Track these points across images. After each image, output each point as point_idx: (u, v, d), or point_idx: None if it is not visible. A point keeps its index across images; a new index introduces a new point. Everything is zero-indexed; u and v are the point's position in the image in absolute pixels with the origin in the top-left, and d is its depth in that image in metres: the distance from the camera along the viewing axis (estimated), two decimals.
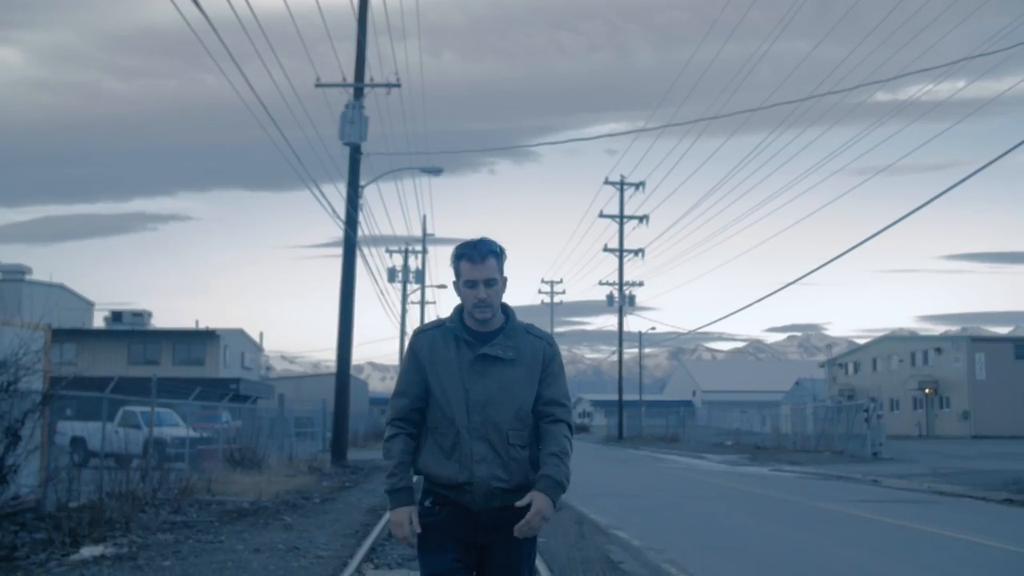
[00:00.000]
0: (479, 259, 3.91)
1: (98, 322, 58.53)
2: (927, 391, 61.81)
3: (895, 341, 73.84)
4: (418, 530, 3.85)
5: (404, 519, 3.84)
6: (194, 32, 13.27)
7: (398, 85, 28.70)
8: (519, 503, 3.78)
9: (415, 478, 3.96)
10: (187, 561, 9.31)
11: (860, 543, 11.73)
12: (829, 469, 28.53)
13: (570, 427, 3.99)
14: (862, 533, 12.77)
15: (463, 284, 3.94)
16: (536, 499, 3.77)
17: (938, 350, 62.02)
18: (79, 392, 15.79)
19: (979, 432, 55.53)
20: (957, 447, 42.85)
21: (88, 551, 10.10)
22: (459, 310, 4.04)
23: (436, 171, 30.31)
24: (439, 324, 4.08)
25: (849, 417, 38.36)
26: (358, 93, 27.86)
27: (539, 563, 8.83)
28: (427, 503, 3.93)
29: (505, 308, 4.06)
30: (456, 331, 3.98)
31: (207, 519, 13.04)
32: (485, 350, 3.91)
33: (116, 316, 56.96)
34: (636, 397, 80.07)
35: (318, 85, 27.86)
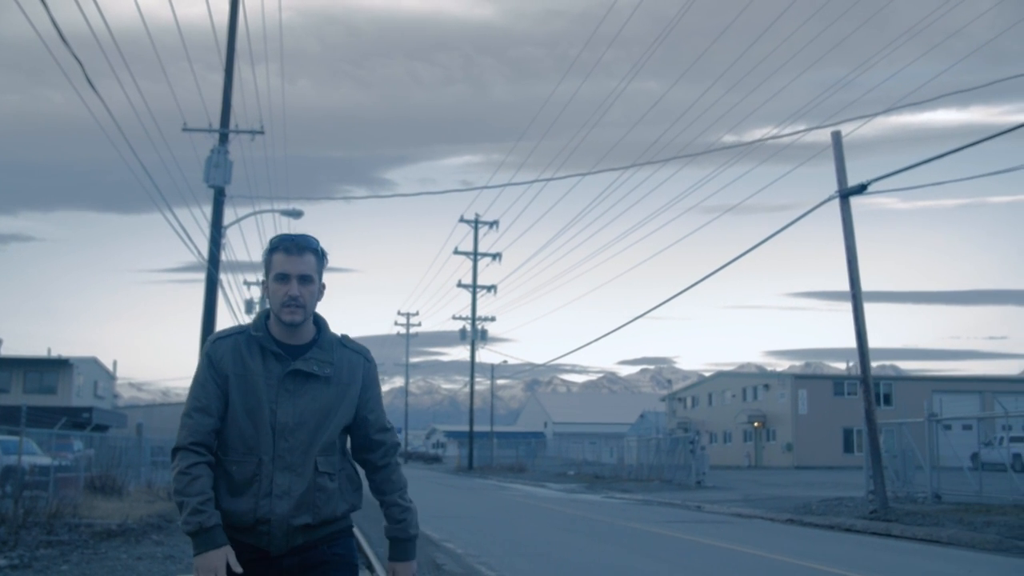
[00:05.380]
0: (296, 251, 3.38)
1: None
2: (756, 424, 66.35)
3: (728, 377, 78.64)
4: (238, 570, 3.17)
5: (220, 563, 3.14)
6: (47, 47, 12.21)
7: (262, 132, 30.25)
8: None
9: None
10: (80, 567, 11.03)
11: (646, 552, 14.27)
12: (654, 496, 31.37)
13: (398, 450, 3.60)
14: (652, 545, 15.33)
15: (273, 278, 3.38)
16: (395, 571, 3.50)
17: (766, 386, 66.73)
18: None
19: (801, 463, 60.00)
20: (777, 477, 46.50)
21: None
22: (264, 316, 3.45)
23: (297, 215, 32.07)
24: (241, 331, 3.44)
25: (681, 449, 41.67)
26: (223, 138, 29.35)
27: (375, 564, 10.92)
28: None
29: (318, 319, 3.49)
30: (262, 340, 3.37)
31: (81, 538, 14.46)
32: (298, 365, 3.33)
33: None
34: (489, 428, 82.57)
35: (184, 129, 29.16)
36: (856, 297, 21.29)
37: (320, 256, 3.46)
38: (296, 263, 3.36)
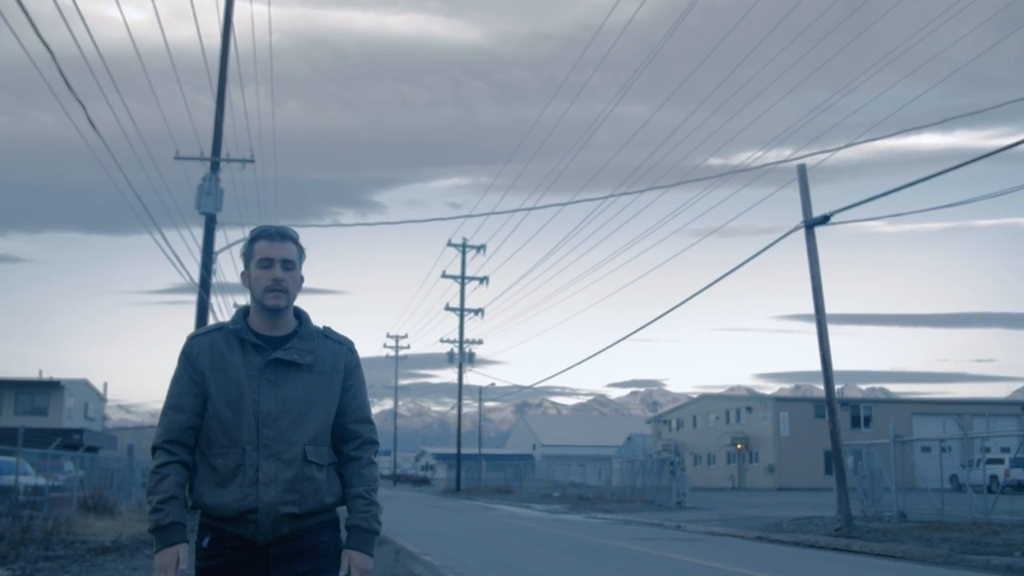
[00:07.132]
0: (279, 238, 3.49)
1: None
2: (739, 446, 67.23)
3: (712, 400, 79.58)
4: (183, 566, 3.27)
5: (171, 561, 3.23)
6: (38, 69, 12.26)
7: (252, 161, 31.09)
8: None
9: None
10: None
11: (613, 565, 15.11)
12: (635, 516, 32.11)
13: (375, 448, 3.59)
14: (620, 559, 16.16)
15: (256, 265, 3.46)
16: (351, 559, 3.37)
17: (748, 409, 67.67)
18: None
19: (783, 484, 60.79)
20: (758, 498, 47.19)
21: None
22: (243, 311, 3.55)
23: None
24: (219, 327, 3.52)
25: (664, 470, 42.49)
26: (214, 167, 30.19)
27: None
28: (204, 542, 3.37)
29: (299, 312, 3.57)
30: (241, 333, 3.45)
31: (78, 553, 15.22)
32: (279, 354, 3.40)
33: None
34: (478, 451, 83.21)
35: (177, 158, 30.11)
36: (821, 323, 22.23)
37: (299, 248, 3.56)
38: (279, 249, 3.46)
